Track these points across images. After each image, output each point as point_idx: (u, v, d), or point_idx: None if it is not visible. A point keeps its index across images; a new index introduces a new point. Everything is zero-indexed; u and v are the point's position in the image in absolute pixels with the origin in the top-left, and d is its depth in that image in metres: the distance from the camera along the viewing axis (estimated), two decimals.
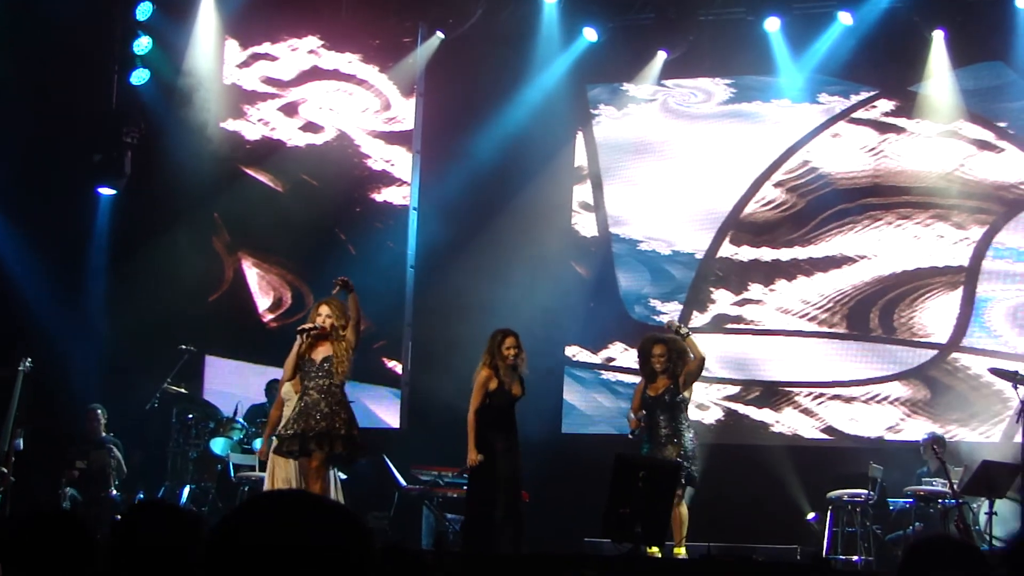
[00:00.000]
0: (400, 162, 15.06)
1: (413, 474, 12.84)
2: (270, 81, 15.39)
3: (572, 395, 14.28)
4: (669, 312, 13.78)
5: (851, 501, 11.82)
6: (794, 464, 12.94)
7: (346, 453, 9.93)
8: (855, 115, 13.84)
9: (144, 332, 14.09)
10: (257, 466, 11.92)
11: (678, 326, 11.20)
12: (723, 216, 14.08)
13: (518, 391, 10.48)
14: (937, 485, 11.59)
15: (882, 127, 13.72)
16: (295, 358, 9.85)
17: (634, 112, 14.56)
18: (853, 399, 13.40)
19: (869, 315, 13.49)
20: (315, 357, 9.85)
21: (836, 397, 13.46)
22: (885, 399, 13.29)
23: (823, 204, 13.77)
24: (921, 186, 13.48)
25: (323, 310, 9.93)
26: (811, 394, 13.56)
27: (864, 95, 13.84)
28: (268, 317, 15.15)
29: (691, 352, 10.92)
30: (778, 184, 14.00)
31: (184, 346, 13.81)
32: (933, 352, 13.26)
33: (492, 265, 13.99)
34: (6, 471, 12.10)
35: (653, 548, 10.10)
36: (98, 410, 13.13)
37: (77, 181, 14.38)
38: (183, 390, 13.78)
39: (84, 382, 13.94)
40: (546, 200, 14.47)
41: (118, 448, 13.13)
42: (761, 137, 14.09)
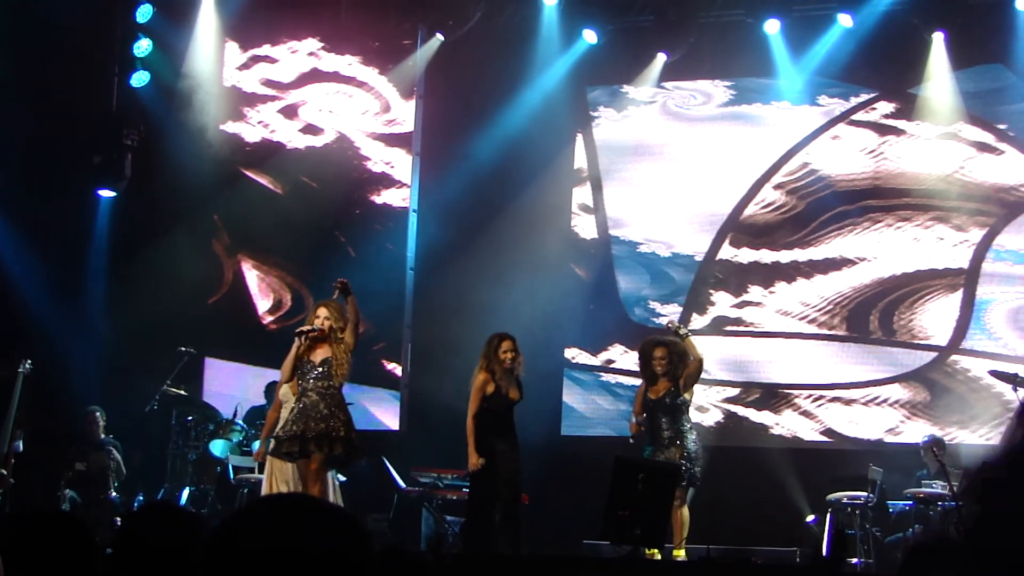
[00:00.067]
0: (400, 164, 15.06)
1: (412, 476, 12.84)
2: (270, 83, 15.39)
3: (572, 397, 14.27)
4: (669, 314, 13.76)
5: (851, 503, 11.82)
6: (794, 466, 12.94)
7: (344, 455, 9.94)
8: (855, 117, 13.84)
9: (144, 334, 14.09)
10: (256, 468, 11.92)
11: (677, 327, 11.21)
12: (723, 218, 14.08)
13: (516, 395, 10.47)
14: (937, 488, 11.58)
15: (882, 129, 13.72)
16: (293, 360, 9.86)
17: (634, 114, 14.55)
18: (853, 401, 13.40)
19: (869, 317, 13.49)
20: (314, 359, 9.85)
21: (836, 399, 13.46)
22: (885, 401, 13.29)
23: (823, 206, 13.77)
24: (921, 188, 13.47)
25: (322, 312, 9.94)
26: (811, 396, 13.56)
27: (864, 97, 13.83)
28: (268, 319, 15.15)
29: (690, 353, 10.93)
30: (778, 186, 14.00)
31: (184, 348, 13.81)
32: (933, 354, 13.26)
33: (492, 267, 13.99)
34: (5, 473, 12.10)
35: (653, 550, 10.10)
36: (97, 412, 13.14)
37: (77, 183, 14.38)
38: (183, 392, 13.78)
39: (84, 384, 13.94)
40: (546, 202, 14.46)
41: (117, 450, 13.13)
42: (761, 139, 14.09)
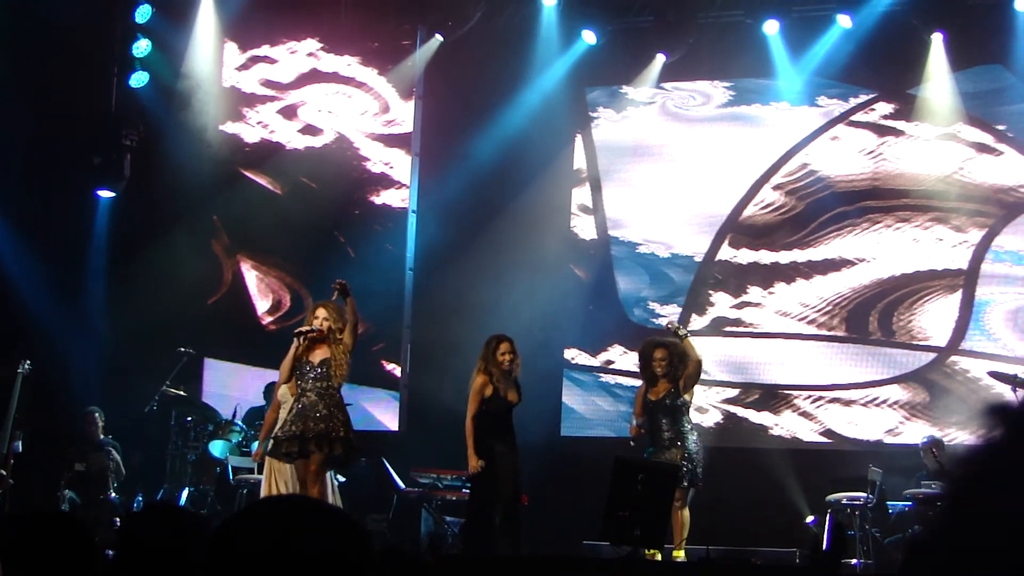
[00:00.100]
0: (399, 165, 15.06)
1: (412, 477, 12.84)
2: (269, 84, 15.39)
3: (571, 398, 14.27)
4: (668, 315, 13.76)
5: (850, 504, 11.82)
6: (793, 467, 12.94)
7: (344, 455, 9.94)
8: (854, 118, 13.83)
9: (143, 334, 14.09)
10: (255, 469, 11.92)
11: (677, 327, 11.20)
12: (722, 219, 14.08)
13: (514, 397, 10.47)
14: (936, 488, 11.58)
15: (881, 130, 13.72)
16: (292, 361, 9.86)
17: (633, 115, 14.55)
18: (852, 402, 13.40)
19: (868, 318, 13.49)
20: (312, 359, 9.85)
21: (835, 400, 13.46)
22: (884, 402, 13.29)
23: (822, 207, 13.77)
24: (920, 189, 13.47)
25: (320, 313, 9.93)
26: (810, 397, 13.56)
27: (863, 98, 13.83)
28: (267, 320, 15.15)
29: (689, 354, 10.93)
30: (777, 187, 13.99)
31: (183, 348, 13.81)
32: (932, 355, 13.25)
33: (491, 268, 13.99)
34: (5, 473, 12.10)
35: (654, 551, 10.10)
36: (96, 413, 13.14)
37: (76, 183, 14.38)
38: (182, 392, 13.78)
39: (83, 384, 13.94)
40: (545, 203, 14.46)
41: (116, 450, 13.13)
42: (760, 140, 14.09)
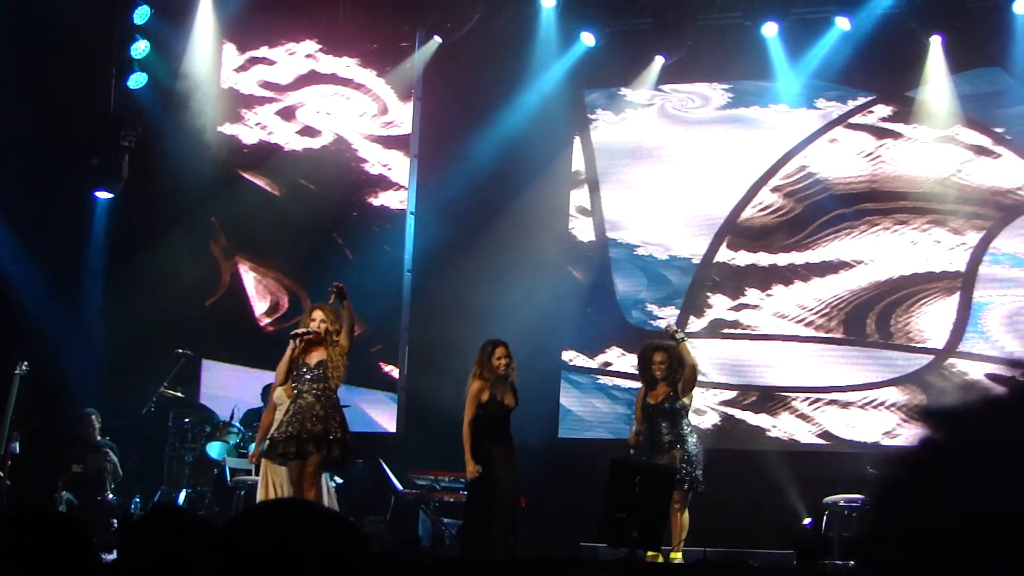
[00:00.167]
0: (397, 166, 15.06)
1: (410, 478, 12.84)
2: (267, 85, 15.38)
3: (569, 400, 14.27)
4: (666, 317, 13.77)
5: (848, 506, 11.82)
6: (791, 469, 12.94)
7: (340, 457, 9.93)
8: (852, 120, 13.84)
9: (141, 335, 14.08)
10: (253, 470, 11.92)
11: (675, 330, 11.20)
12: (720, 221, 14.08)
13: (511, 401, 10.45)
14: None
15: (879, 132, 13.72)
16: (288, 363, 9.84)
17: (632, 117, 14.55)
18: (850, 404, 13.40)
19: (866, 320, 13.49)
20: (309, 361, 9.84)
21: (833, 402, 13.46)
22: (882, 404, 13.29)
23: (820, 209, 13.77)
24: (918, 191, 13.48)
25: (317, 315, 9.93)
26: (808, 399, 13.56)
27: (861, 100, 13.83)
28: (265, 321, 15.14)
29: (684, 359, 10.91)
30: (775, 189, 14.00)
31: (181, 350, 13.80)
32: (930, 357, 13.25)
33: (489, 269, 13.98)
34: (2, 475, 12.10)
35: (655, 553, 10.11)
36: (92, 415, 13.13)
37: (74, 184, 14.38)
38: (180, 394, 13.78)
39: (81, 385, 13.93)
40: (543, 204, 14.46)
41: (114, 452, 13.12)
42: (758, 142, 14.09)
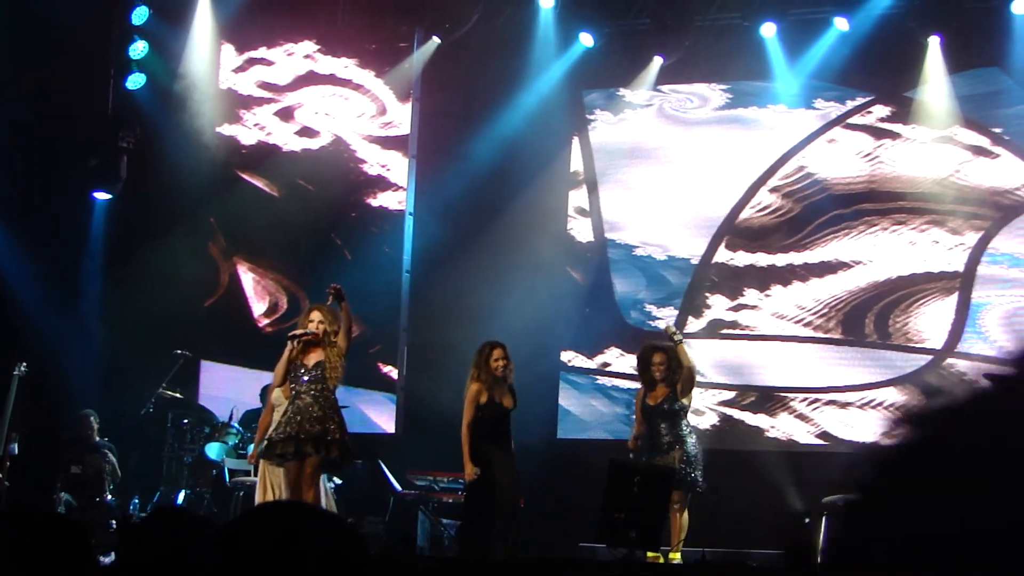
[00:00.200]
0: (396, 167, 15.06)
1: (408, 479, 12.84)
2: (266, 86, 15.38)
3: (567, 400, 14.27)
4: (664, 317, 13.77)
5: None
6: (789, 469, 12.94)
7: (339, 458, 9.93)
8: (851, 121, 13.84)
9: (140, 336, 14.08)
10: (252, 471, 11.92)
11: (673, 332, 11.19)
12: (719, 221, 14.08)
13: (509, 403, 10.44)
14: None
15: (878, 133, 13.72)
16: (286, 364, 9.83)
17: (630, 117, 14.55)
18: (848, 404, 13.40)
19: (864, 320, 13.49)
20: (307, 362, 9.83)
21: (831, 402, 13.46)
22: (880, 404, 13.29)
23: (819, 209, 13.77)
24: (916, 192, 13.48)
25: (315, 316, 9.92)
26: (806, 399, 13.56)
27: (860, 101, 13.84)
28: (264, 322, 15.14)
29: (680, 361, 10.88)
30: (774, 189, 14.00)
31: (180, 351, 13.80)
32: (928, 357, 13.25)
33: (488, 270, 13.98)
34: (1, 476, 12.09)
35: (655, 554, 10.11)
36: (91, 417, 13.12)
37: (73, 185, 14.38)
38: (178, 395, 13.77)
39: (79, 386, 13.92)
40: (542, 205, 14.46)
41: (112, 453, 13.12)
42: (757, 142, 14.09)
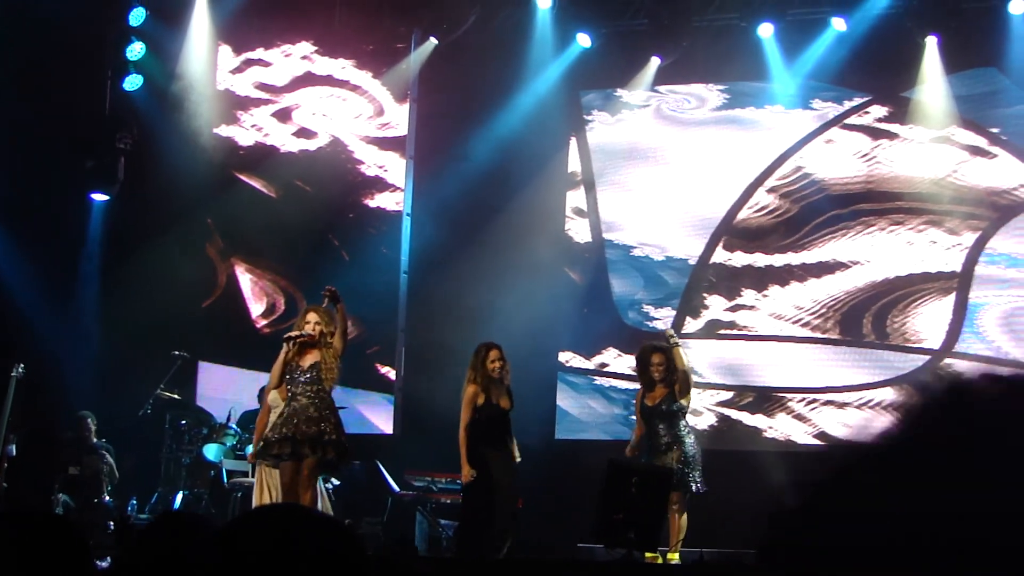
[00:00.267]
0: (393, 168, 15.06)
1: (406, 480, 12.84)
2: (263, 87, 15.38)
3: (565, 401, 14.26)
4: (662, 318, 13.78)
5: None
6: (787, 470, 12.92)
7: (336, 459, 9.92)
8: (848, 121, 13.84)
9: (137, 337, 14.07)
10: (250, 472, 11.91)
11: (671, 334, 11.18)
12: (716, 222, 14.08)
13: (506, 404, 10.45)
14: None
15: (875, 133, 13.73)
16: (282, 365, 9.83)
17: (628, 118, 14.55)
18: (846, 405, 13.40)
19: (862, 321, 13.49)
20: (303, 364, 9.82)
21: (829, 403, 13.46)
22: (878, 405, 13.29)
23: (816, 210, 13.77)
24: (914, 192, 13.48)
25: (311, 317, 9.92)
26: (804, 400, 13.56)
27: (857, 101, 13.84)
28: (261, 323, 15.14)
29: (676, 363, 10.85)
30: (771, 190, 14.00)
31: (177, 352, 13.80)
32: (926, 358, 13.25)
33: (486, 271, 13.98)
34: None
35: (654, 555, 10.10)
36: (88, 419, 13.12)
37: (70, 186, 14.37)
38: (176, 396, 13.78)
39: (77, 387, 13.92)
40: (540, 206, 14.46)
41: (110, 454, 13.12)
42: (754, 143, 14.09)
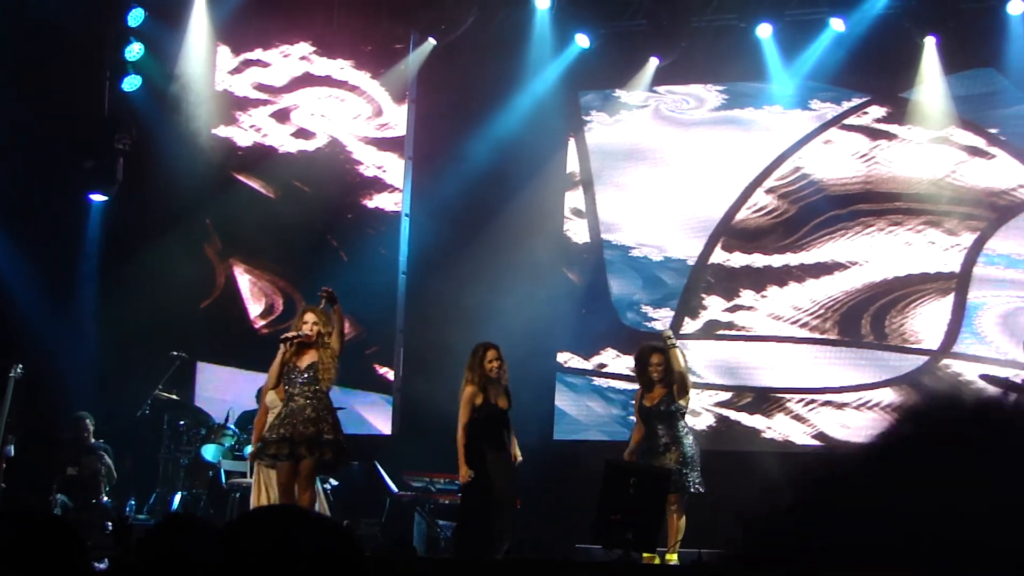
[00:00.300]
0: (392, 168, 15.06)
1: (405, 480, 12.84)
2: (262, 87, 15.37)
3: (564, 401, 14.26)
4: (661, 318, 13.78)
5: None
6: (785, 470, 12.92)
7: (334, 459, 9.92)
8: (847, 121, 13.84)
9: (136, 338, 14.07)
10: (248, 472, 11.91)
11: (668, 335, 11.17)
12: (715, 222, 14.08)
13: (504, 404, 10.48)
14: None
15: (874, 133, 13.72)
16: (279, 366, 9.83)
17: (626, 118, 14.55)
18: (844, 405, 13.40)
19: (860, 321, 13.49)
20: (300, 364, 9.83)
21: (827, 403, 13.46)
22: (876, 405, 13.29)
23: (814, 210, 13.77)
24: (912, 192, 13.48)
25: (309, 317, 9.93)
26: (802, 400, 13.56)
27: (856, 101, 13.83)
28: (260, 323, 15.14)
29: (671, 364, 10.83)
30: (770, 190, 14.00)
31: (176, 352, 13.80)
32: (924, 358, 13.25)
33: (484, 271, 13.98)
34: None
35: (652, 555, 10.10)
36: (86, 419, 13.12)
37: (69, 187, 14.37)
38: (174, 396, 13.78)
39: (76, 388, 13.92)
40: (538, 206, 14.46)
41: (108, 454, 13.13)
42: (753, 143, 14.09)
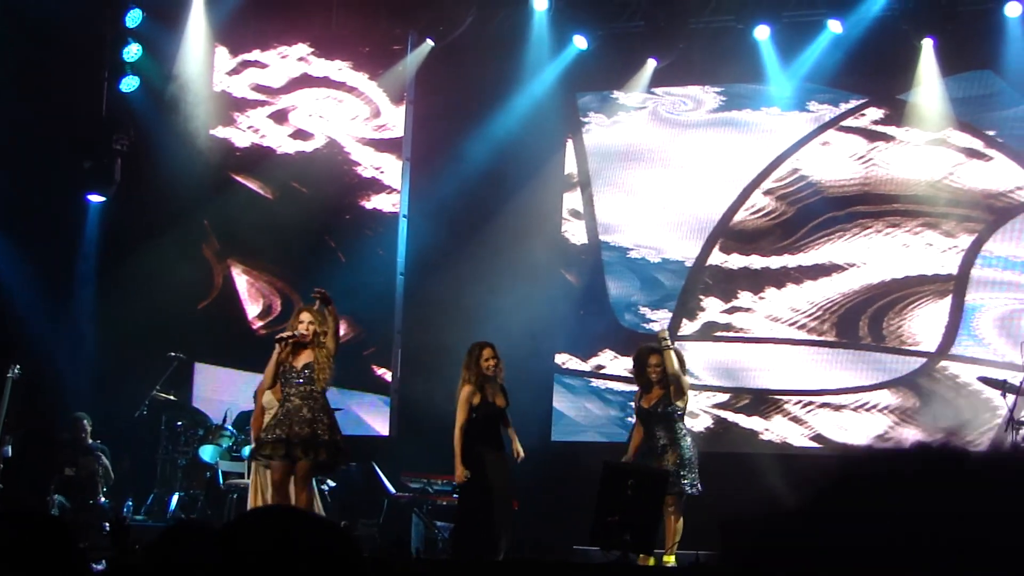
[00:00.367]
0: (390, 169, 15.06)
1: (402, 481, 12.83)
2: (260, 88, 15.37)
3: (562, 403, 14.26)
4: (659, 319, 13.78)
5: None
6: (783, 472, 12.92)
7: (330, 459, 9.92)
8: (844, 123, 13.84)
9: (133, 339, 14.07)
10: (246, 473, 11.91)
11: (664, 336, 11.15)
12: (713, 224, 14.08)
13: (501, 402, 10.50)
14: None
15: (871, 135, 13.73)
16: (275, 365, 9.83)
17: (624, 120, 14.55)
18: (842, 407, 13.40)
19: (858, 323, 13.49)
20: (296, 364, 9.83)
21: (825, 405, 13.46)
22: (874, 407, 13.29)
23: (812, 212, 13.78)
24: (910, 194, 13.49)
25: (305, 317, 9.94)
26: (800, 402, 13.56)
27: (853, 103, 13.84)
28: (257, 324, 15.13)
29: (666, 365, 10.80)
30: (768, 192, 14.00)
31: (173, 353, 13.81)
32: (922, 360, 13.26)
33: (482, 272, 13.98)
34: None
35: (648, 557, 10.09)
36: (84, 420, 13.12)
37: (67, 188, 14.36)
38: (172, 397, 13.78)
39: (73, 388, 13.92)
40: (536, 207, 14.46)
41: (106, 455, 13.12)
42: (751, 145, 14.09)
